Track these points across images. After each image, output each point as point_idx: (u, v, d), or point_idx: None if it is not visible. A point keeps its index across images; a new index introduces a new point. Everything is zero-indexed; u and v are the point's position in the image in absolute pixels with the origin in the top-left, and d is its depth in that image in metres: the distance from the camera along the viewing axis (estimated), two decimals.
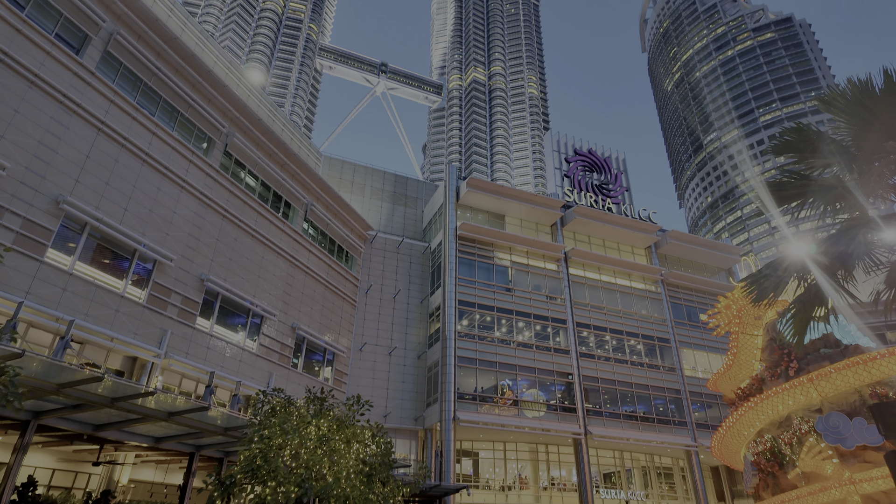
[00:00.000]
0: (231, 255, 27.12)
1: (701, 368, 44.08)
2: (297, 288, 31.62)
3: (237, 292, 26.71)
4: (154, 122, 23.82)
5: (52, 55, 20.02)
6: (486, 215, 42.71)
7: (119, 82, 22.95)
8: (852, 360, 19.99)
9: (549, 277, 42.04)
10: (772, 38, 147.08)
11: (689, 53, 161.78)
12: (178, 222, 24.38)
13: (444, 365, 35.35)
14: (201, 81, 26.46)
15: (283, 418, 12.42)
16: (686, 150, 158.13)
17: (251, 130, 29.71)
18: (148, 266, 22.75)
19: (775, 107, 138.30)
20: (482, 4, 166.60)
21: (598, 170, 49.08)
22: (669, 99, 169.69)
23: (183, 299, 23.86)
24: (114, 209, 21.43)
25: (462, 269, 38.93)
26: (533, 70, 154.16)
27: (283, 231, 31.14)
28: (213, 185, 26.77)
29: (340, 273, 36.05)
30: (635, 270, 45.20)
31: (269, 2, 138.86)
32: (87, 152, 20.83)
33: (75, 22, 21.28)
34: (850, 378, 20.07)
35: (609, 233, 45.95)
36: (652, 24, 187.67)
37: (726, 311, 27.54)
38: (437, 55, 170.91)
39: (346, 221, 37.35)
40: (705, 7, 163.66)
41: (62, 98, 20.12)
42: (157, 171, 23.71)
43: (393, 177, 45.59)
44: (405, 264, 40.63)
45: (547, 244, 42.04)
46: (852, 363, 19.89)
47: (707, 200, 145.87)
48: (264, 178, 30.90)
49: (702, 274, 49.85)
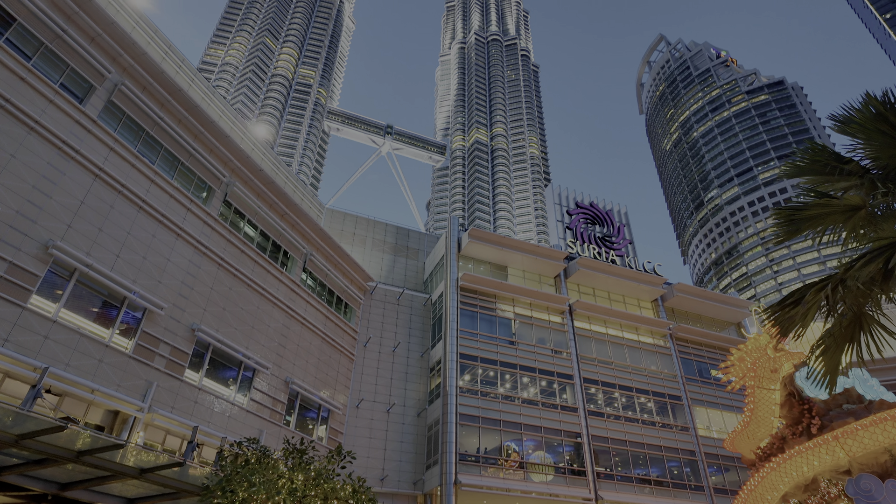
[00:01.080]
0: (225, 305, 26.37)
1: (716, 428, 41.91)
2: (293, 340, 30.60)
3: (229, 343, 25.75)
4: (153, 170, 23.79)
5: (55, 103, 20.21)
6: (488, 267, 42.12)
7: (121, 131, 23.10)
8: (880, 416, 18.65)
9: (553, 330, 40.83)
10: (765, 100, 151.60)
11: (686, 115, 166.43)
12: (171, 270, 23.84)
13: (445, 423, 33.63)
14: (203, 132, 26.71)
15: (250, 470, 11.25)
16: (687, 206, 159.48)
17: (252, 180, 29.73)
18: (137, 315, 22.00)
19: (773, 165, 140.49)
20: (484, 71, 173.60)
21: (601, 222, 48.89)
22: (668, 158, 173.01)
23: (172, 350, 22.92)
24: (105, 255, 20.95)
25: (464, 321, 37.88)
26: (534, 131, 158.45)
27: (280, 281, 30.51)
28: (211, 234, 26.43)
29: (338, 325, 35.06)
30: (642, 324, 43.96)
31: (280, 68, 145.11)
32: (83, 198, 20.61)
33: (81, 73, 21.66)
34: (878, 436, 18.65)
35: (614, 285, 45.10)
36: (648, 87, 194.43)
37: (740, 364, 26.27)
38: (440, 117, 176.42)
39: (346, 272, 36.77)
40: (699, 72, 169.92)
41: (61, 144, 20.12)
42: (154, 218, 23.43)
43: (395, 228, 45.47)
44: (405, 316, 39.64)
45: (551, 296, 41.15)
46: (880, 419, 18.54)
47: (711, 257, 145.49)
48: (264, 227, 30.64)
49: (711, 328, 48.48)
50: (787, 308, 6.93)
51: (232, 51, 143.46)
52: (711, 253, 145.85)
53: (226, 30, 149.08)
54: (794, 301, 6.79)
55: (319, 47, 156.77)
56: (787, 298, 6.90)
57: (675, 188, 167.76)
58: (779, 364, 24.56)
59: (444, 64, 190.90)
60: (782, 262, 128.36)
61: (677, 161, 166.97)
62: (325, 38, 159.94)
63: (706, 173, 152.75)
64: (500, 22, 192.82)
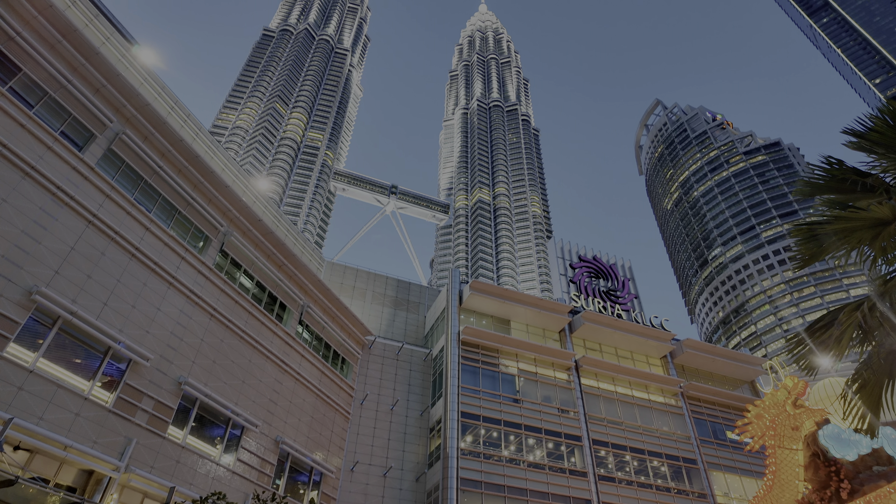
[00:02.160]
0: (215, 358, 25.32)
1: (735, 494, 39.15)
2: (285, 396, 29.20)
3: (218, 398, 24.48)
4: (149, 218, 23.51)
5: (53, 150, 20.22)
6: (490, 320, 40.99)
7: (119, 178, 23.03)
8: None
9: (560, 388, 39.11)
10: (763, 160, 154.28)
11: (686, 175, 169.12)
12: (161, 320, 23.02)
13: (446, 489, 31.46)
14: (203, 181, 26.69)
15: None
16: (691, 265, 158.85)
17: (250, 230, 29.45)
18: (121, 366, 20.99)
19: (775, 223, 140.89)
20: (486, 134, 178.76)
21: (605, 276, 48.10)
22: (670, 216, 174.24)
23: (156, 404, 21.71)
24: (92, 303, 20.26)
25: (465, 377, 36.34)
26: (535, 190, 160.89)
27: (274, 333, 29.52)
28: (204, 283, 25.80)
29: (334, 381, 33.65)
30: (652, 382, 42.16)
31: (290, 131, 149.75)
32: (73, 244, 20.18)
33: (83, 121, 21.84)
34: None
35: (621, 340, 43.67)
36: (647, 149, 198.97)
37: (758, 422, 24.71)
38: (444, 178, 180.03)
39: (344, 325, 35.74)
40: (696, 134, 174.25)
41: (55, 190, 19.93)
42: (146, 266, 22.90)
43: (395, 282, 44.73)
44: (405, 372, 38.15)
45: (556, 351, 39.72)
46: None
47: (718, 315, 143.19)
48: (260, 278, 30.03)
49: (723, 387, 46.47)
50: (819, 331, 6.11)
51: (243, 115, 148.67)
52: (719, 311, 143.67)
53: (238, 95, 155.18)
54: (826, 323, 5.99)
55: (328, 113, 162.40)
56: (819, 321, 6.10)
57: (679, 246, 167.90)
58: (800, 421, 23.07)
59: (448, 128, 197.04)
60: (792, 321, 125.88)
61: (679, 220, 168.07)
62: (334, 104, 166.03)
63: (708, 232, 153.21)
64: (501, 89, 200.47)
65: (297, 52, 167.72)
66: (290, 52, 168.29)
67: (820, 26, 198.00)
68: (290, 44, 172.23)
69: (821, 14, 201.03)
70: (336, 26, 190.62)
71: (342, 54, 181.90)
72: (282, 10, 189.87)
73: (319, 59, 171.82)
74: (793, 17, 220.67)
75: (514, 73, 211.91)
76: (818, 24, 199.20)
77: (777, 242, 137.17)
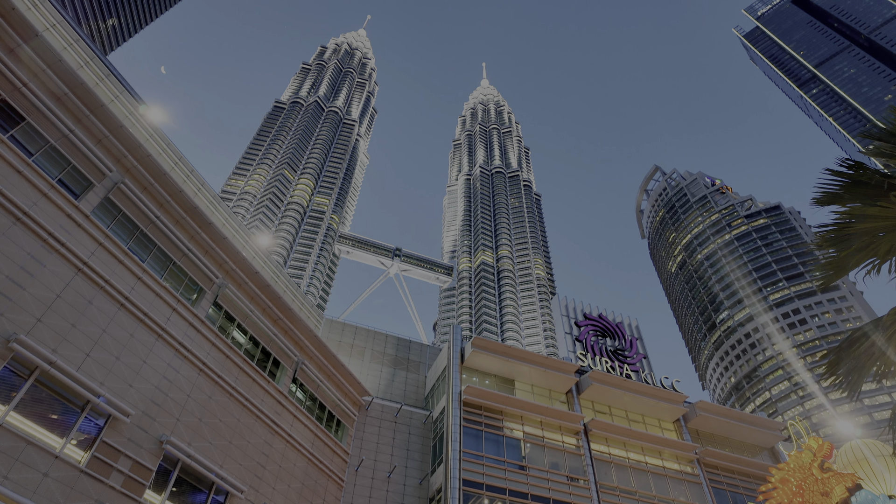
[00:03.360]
0: (202, 416, 23.95)
1: None
2: (275, 460, 27.41)
3: (202, 460, 22.90)
4: (142, 268, 23.01)
5: (48, 196, 20.06)
6: (494, 380, 39.30)
7: (114, 228, 22.77)
8: None
9: (568, 454, 36.79)
10: (765, 224, 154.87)
11: (688, 238, 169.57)
12: (146, 373, 21.95)
13: None
14: (200, 232, 26.42)
15: None
16: (699, 328, 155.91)
17: (247, 283, 28.84)
18: (99, 422, 19.74)
19: (782, 286, 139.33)
20: (489, 199, 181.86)
21: (611, 335, 46.70)
22: (675, 280, 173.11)
23: (133, 465, 20.23)
24: (74, 354, 19.35)
25: (467, 441, 34.29)
26: (538, 253, 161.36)
27: (266, 391, 28.16)
28: (195, 336, 24.88)
29: (328, 445, 31.76)
30: (666, 447, 39.73)
31: (297, 196, 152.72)
32: (60, 291, 19.57)
33: (82, 170, 21.88)
34: None
35: (631, 403, 41.61)
36: (647, 213, 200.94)
37: (784, 488, 22.82)
38: (447, 241, 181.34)
39: (340, 385, 34.25)
40: (696, 198, 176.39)
41: (46, 237, 19.58)
42: (134, 316, 22.14)
43: (395, 340, 43.40)
44: (403, 436, 36.10)
45: (563, 413, 37.73)
46: None
47: (730, 381, 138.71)
48: (254, 332, 29.07)
49: (741, 454, 43.75)
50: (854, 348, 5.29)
51: (252, 181, 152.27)
52: (730, 377, 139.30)
53: (247, 162, 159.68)
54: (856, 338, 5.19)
55: (335, 179, 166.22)
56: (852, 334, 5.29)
57: (685, 310, 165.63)
58: (830, 486, 21.23)
59: (451, 193, 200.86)
60: (807, 387, 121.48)
61: (684, 282, 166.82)
62: (341, 170, 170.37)
63: (714, 295, 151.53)
64: (502, 157, 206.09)
65: (306, 122, 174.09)
66: (300, 122, 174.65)
67: (810, 97, 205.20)
68: (301, 114, 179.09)
69: (810, 86, 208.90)
70: (345, 99, 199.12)
71: (350, 124, 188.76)
72: (293, 84, 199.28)
73: (328, 128, 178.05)
74: (783, 89, 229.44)
75: (516, 141, 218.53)
76: (808, 94, 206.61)
77: (785, 305, 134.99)
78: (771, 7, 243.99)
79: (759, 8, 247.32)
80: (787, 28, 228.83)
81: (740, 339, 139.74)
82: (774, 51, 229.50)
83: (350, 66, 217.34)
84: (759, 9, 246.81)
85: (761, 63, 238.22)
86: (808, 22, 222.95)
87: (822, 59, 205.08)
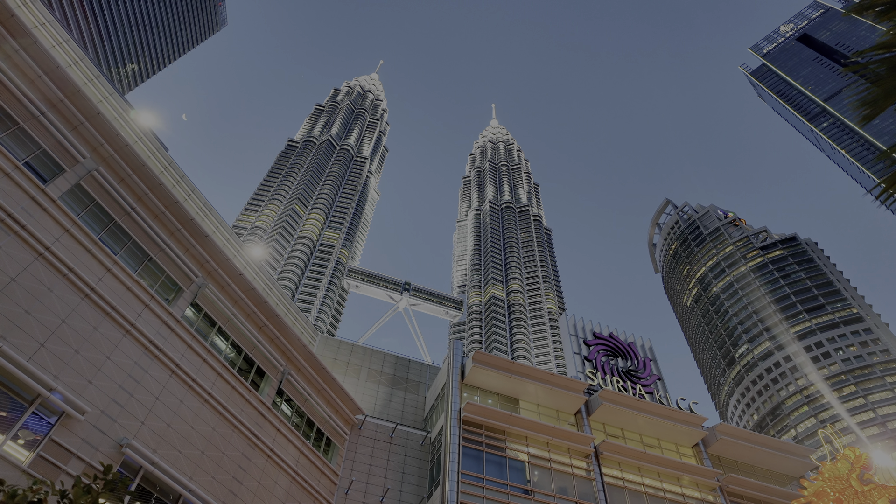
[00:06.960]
0: (171, 421, 22.01)
1: None
2: (254, 476, 25.14)
3: (167, 469, 20.80)
4: (113, 260, 21.64)
5: (11, 176, 18.99)
6: (497, 398, 36.71)
7: (85, 216, 21.57)
8: None
9: (578, 478, 33.78)
10: (781, 255, 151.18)
11: (703, 271, 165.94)
12: (109, 370, 20.23)
13: None
14: (181, 229, 25.17)
15: None
16: (718, 364, 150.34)
17: (230, 285, 27.32)
18: (51, 420, 17.95)
19: (803, 318, 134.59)
20: (498, 233, 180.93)
21: (623, 355, 44.06)
22: (691, 314, 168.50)
23: (86, 469, 18.26)
24: (26, 342, 17.78)
25: (467, 463, 31.57)
26: (549, 287, 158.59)
27: (246, 401, 26.16)
28: (169, 335, 23.21)
29: (315, 464, 29.35)
30: (685, 473, 36.47)
31: (307, 230, 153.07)
32: (15, 276, 18.20)
33: (53, 155, 20.89)
34: None
35: (645, 425, 38.60)
36: (660, 247, 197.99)
37: (821, 501, 20.15)
38: (457, 275, 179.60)
39: (331, 400, 32.05)
40: (709, 231, 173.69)
41: (5, 217, 18.37)
42: (100, 308, 20.61)
43: (394, 358, 41.13)
44: (398, 458, 33.44)
45: (572, 434, 34.91)
46: None
47: (753, 418, 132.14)
48: (236, 337, 27.31)
49: (768, 483, 40.11)
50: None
51: (263, 216, 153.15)
52: (753, 414, 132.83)
53: (259, 199, 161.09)
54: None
55: (345, 214, 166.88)
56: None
57: (703, 344, 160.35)
58: (872, 499, 18.56)
59: (461, 228, 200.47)
60: (836, 423, 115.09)
61: (700, 316, 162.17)
62: (351, 206, 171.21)
63: (732, 328, 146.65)
64: (512, 192, 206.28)
65: (318, 159, 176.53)
66: (312, 159, 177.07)
67: (821, 130, 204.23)
68: (313, 152, 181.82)
69: (820, 119, 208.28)
70: (357, 138, 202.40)
71: (361, 162, 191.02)
72: (306, 124, 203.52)
73: (339, 165, 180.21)
74: (793, 123, 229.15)
75: (525, 178, 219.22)
76: (819, 128, 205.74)
77: (808, 338, 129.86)
78: (776, 45, 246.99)
79: (765, 46, 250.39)
80: (793, 65, 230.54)
81: (761, 373, 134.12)
82: (782, 87, 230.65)
83: (362, 107, 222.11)
84: (765, 47, 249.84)
85: (769, 99, 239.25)
86: (814, 59, 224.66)
87: (831, 93, 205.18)
